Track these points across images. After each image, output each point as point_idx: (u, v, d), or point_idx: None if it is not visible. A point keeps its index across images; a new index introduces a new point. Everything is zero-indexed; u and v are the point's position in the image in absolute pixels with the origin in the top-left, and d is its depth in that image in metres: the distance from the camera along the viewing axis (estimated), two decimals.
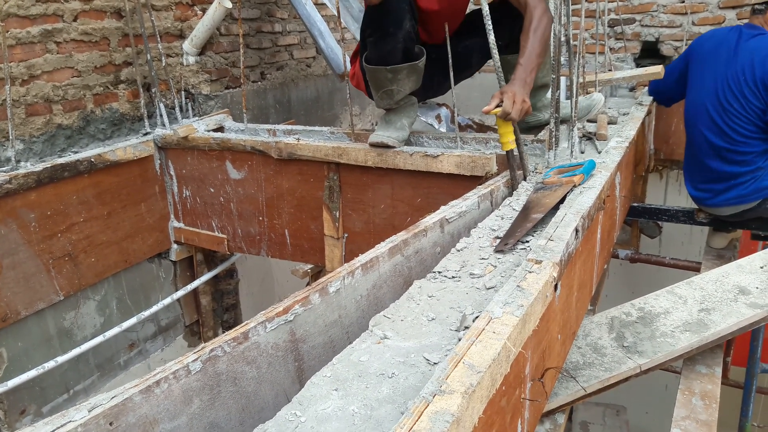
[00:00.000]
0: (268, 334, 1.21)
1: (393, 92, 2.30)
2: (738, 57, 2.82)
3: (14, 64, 2.51)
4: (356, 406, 0.99)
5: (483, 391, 0.95)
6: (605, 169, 1.99)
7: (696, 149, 3.00)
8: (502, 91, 1.93)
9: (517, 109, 1.89)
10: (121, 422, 0.98)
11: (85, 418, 0.94)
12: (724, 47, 2.90)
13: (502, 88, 1.95)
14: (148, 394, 1.02)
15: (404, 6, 2.14)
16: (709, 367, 1.98)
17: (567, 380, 1.80)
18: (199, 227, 3.17)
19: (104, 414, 0.96)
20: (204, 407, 1.11)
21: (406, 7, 2.14)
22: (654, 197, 4.34)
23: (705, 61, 2.98)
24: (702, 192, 3.03)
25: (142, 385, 1.02)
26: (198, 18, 3.30)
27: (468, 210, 1.79)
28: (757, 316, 1.95)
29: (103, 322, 2.94)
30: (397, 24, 2.13)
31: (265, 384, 1.23)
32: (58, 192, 2.62)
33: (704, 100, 2.92)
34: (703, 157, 2.95)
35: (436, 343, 1.15)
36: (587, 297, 1.96)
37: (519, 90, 1.94)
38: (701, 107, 2.93)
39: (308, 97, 4.18)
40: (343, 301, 1.38)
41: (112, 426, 0.97)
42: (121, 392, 1.00)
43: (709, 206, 3.05)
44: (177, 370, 1.06)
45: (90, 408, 0.96)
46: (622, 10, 4.31)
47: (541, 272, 1.28)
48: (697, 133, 2.97)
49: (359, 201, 2.60)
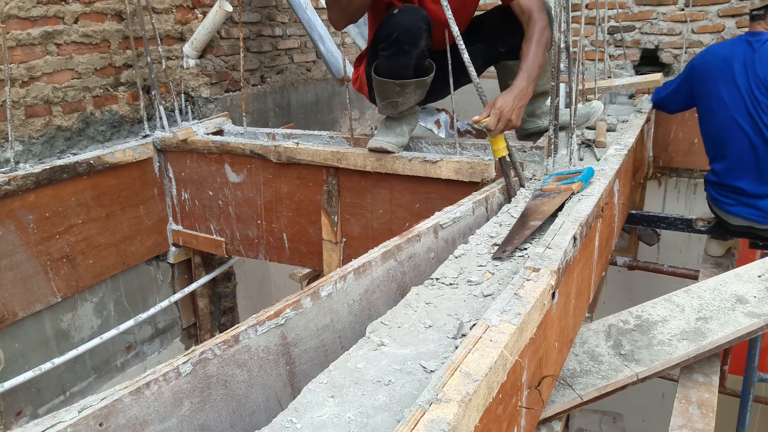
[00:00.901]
0: (259, 337, 1.22)
1: (398, 104, 2.31)
2: (757, 66, 2.82)
3: (14, 65, 2.51)
4: (352, 414, 0.99)
5: (479, 400, 0.95)
6: (604, 176, 2.00)
7: (735, 163, 2.98)
8: (493, 102, 1.97)
9: (499, 129, 1.95)
10: (111, 423, 0.99)
11: (74, 419, 0.94)
12: (737, 61, 2.89)
13: (495, 99, 1.98)
14: (137, 396, 1.02)
15: (423, 25, 2.13)
16: (707, 376, 1.98)
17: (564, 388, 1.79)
18: (197, 230, 3.16)
19: (94, 415, 0.97)
20: (194, 409, 1.12)
21: (425, 26, 2.13)
22: (652, 205, 4.34)
23: (716, 80, 2.96)
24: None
25: (132, 386, 1.02)
26: (198, 21, 3.31)
27: (462, 216, 1.79)
28: (754, 325, 1.95)
29: (100, 324, 2.93)
30: (414, 43, 2.12)
31: (257, 387, 1.23)
32: (57, 194, 2.62)
33: (734, 116, 2.90)
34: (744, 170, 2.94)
35: (433, 351, 1.15)
36: (585, 304, 1.96)
37: (512, 101, 1.98)
38: (733, 125, 2.91)
39: (308, 101, 4.19)
40: (335, 306, 1.38)
41: (102, 427, 0.97)
42: (110, 393, 1.01)
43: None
44: (167, 372, 1.07)
45: (80, 409, 0.96)
46: (621, 17, 4.32)
47: (539, 280, 1.28)
48: (734, 149, 2.95)
49: (358, 206, 2.60)
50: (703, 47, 4.14)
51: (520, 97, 2.01)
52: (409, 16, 2.11)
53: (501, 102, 1.97)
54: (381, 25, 2.19)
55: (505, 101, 1.97)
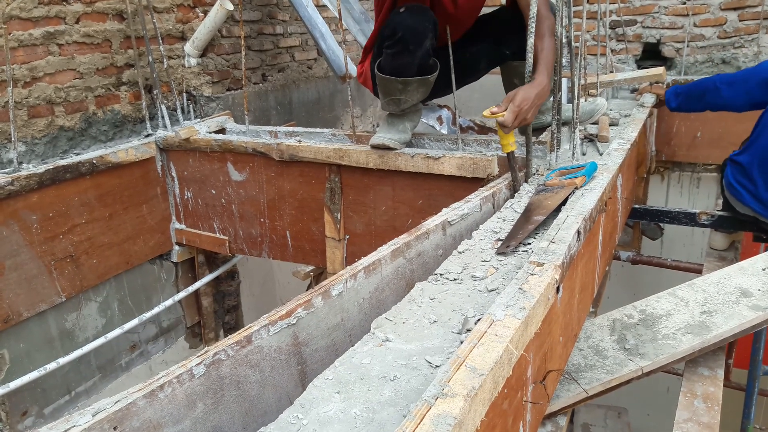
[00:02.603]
0: (272, 337, 1.21)
1: (401, 101, 2.30)
2: None
3: (17, 66, 2.52)
4: (358, 409, 0.99)
5: (485, 394, 0.95)
6: (607, 171, 1.99)
7: None
8: (512, 96, 1.85)
9: (514, 125, 1.85)
10: (125, 427, 0.98)
11: (89, 423, 0.93)
12: None
13: (515, 93, 1.85)
14: (151, 399, 1.02)
15: (429, 25, 2.09)
16: (711, 370, 1.98)
17: (568, 382, 1.79)
18: (200, 229, 3.17)
19: (108, 418, 0.96)
20: (207, 411, 1.11)
21: (430, 26, 2.10)
22: (655, 199, 4.33)
23: None
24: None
25: (146, 389, 1.01)
26: (199, 20, 3.31)
27: (470, 212, 1.79)
28: (759, 318, 1.95)
29: (104, 323, 2.94)
30: (419, 43, 2.10)
31: (269, 387, 1.23)
32: (60, 194, 2.62)
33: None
34: None
35: (438, 346, 1.15)
36: (589, 299, 1.95)
37: (533, 97, 1.85)
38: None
39: (309, 98, 4.19)
40: (345, 304, 1.38)
41: (117, 430, 0.96)
42: (124, 396, 1.00)
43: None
44: (181, 374, 1.06)
45: (94, 413, 0.95)
46: (623, 11, 4.31)
47: (543, 275, 1.27)
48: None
49: (360, 203, 2.60)
50: (705, 40, 4.13)
51: (540, 95, 1.89)
52: (415, 16, 2.09)
53: (521, 97, 1.84)
54: (387, 22, 2.17)
55: (525, 97, 1.84)
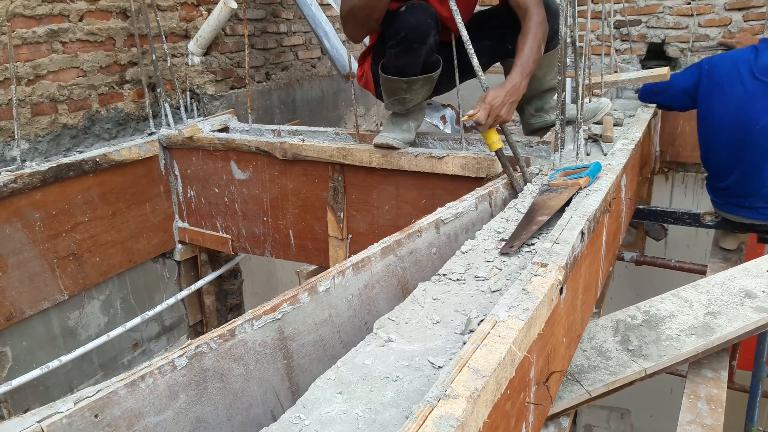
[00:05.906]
0: (256, 331, 1.23)
1: (405, 100, 2.30)
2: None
3: (20, 63, 2.52)
4: (360, 410, 0.98)
5: (488, 396, 0.94)
6: (611, 171, 1.98)
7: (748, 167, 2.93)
8: (484, 96, 1.95)
9: (488, 123, 1.94)
10: (106, 414, 1.00)
11: (70, 410, 0.96)
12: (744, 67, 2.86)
13: (486, 93, 1.96)
14: (133, 388, 1.04)
15: (431, 22, 2.10)
16: (715, 371, 1.97)
17: (572, 384, 1.79)
18: (203, 227, 3.17)
19: (89, 406, 0.98)
20: (190, 402, 1.13)
21: (433, 23, 2.11)
22: (659, 199, 4.32)
23: (723, 85, 2.92)
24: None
25: (127, 379, 1.04)
26: (203, 18, 3.30)
27: (465, 211, 1.79)
28: (763, 320, 1.94)
29: (107, 321, 2.94)
30: (423, 40, 2.11)
31: (254, 381, 1.24)
32: (63, 191, 2.62)
33: (749, 119, 2.85)
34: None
35: (441, 347, 1.15)
36: (592, 300, 1.95)
37: (503, 95, 1.95)
38: (751, 125, 2.86)
39: (313, 97, 4.18)
40: (333, 300, 1.38)
41: (97, 418, 0.99)
42: (106, 386, 1.02)
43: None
44: (162, 366, 1.08)
45: (76, 400, 0.98)
46: (628, 11, 4.29)
47: (547, 275, 1.27)
48: (748, 151, 2.90)
49: (364, 202, 2.60)
50: (710, 41, 4.11)
51: (512, 92, 1.97)
52: (417, 14, 2.09)
53: (491, 96, 1.94)
54: (389, 22, 2.16)
55: (495, 95, 1.94)
